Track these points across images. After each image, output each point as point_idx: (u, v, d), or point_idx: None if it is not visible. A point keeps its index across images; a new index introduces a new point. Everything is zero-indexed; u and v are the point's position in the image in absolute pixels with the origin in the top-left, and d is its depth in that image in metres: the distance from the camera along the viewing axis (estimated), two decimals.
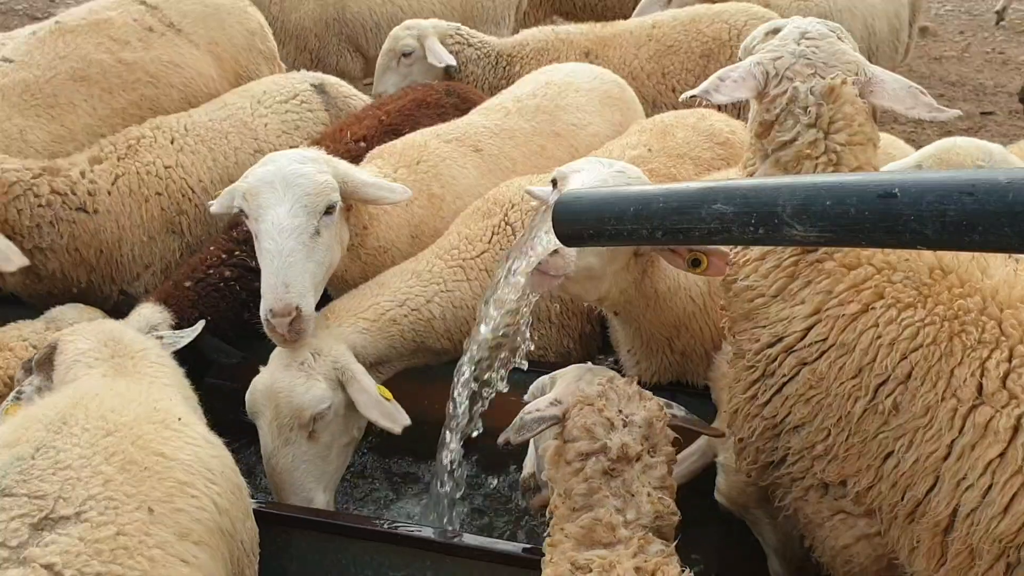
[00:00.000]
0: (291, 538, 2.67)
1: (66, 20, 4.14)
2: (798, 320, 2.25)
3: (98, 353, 2.40)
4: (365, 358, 3.02)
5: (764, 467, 2.36)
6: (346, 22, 6.25)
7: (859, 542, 2.24)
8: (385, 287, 3.16)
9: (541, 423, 2.24)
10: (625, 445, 2.10)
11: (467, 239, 3.27)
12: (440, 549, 2.54)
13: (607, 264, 2.57)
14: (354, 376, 2.86)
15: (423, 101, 4.27)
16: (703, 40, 5.09)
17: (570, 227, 2.04)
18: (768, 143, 2.32)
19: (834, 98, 2.27)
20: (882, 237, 1.74)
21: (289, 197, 2.89)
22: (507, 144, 3.86)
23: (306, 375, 2.82)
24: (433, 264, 3.22)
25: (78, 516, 1.73)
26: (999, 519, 1.97)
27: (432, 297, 3.15)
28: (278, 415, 2.81)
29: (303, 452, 2.82)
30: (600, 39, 5.22)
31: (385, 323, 3.07)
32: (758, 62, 2.34)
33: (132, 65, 4.13)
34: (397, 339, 3.10)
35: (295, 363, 2.84)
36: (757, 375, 2.34)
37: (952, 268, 2.17)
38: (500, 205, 3.31)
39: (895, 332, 2.12)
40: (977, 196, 1.61)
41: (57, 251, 3.59)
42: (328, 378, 2.84)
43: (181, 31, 4.41)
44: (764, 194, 1.80)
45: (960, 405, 2.04)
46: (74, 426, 1.92)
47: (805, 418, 2.24)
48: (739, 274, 2.39)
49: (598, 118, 4.11)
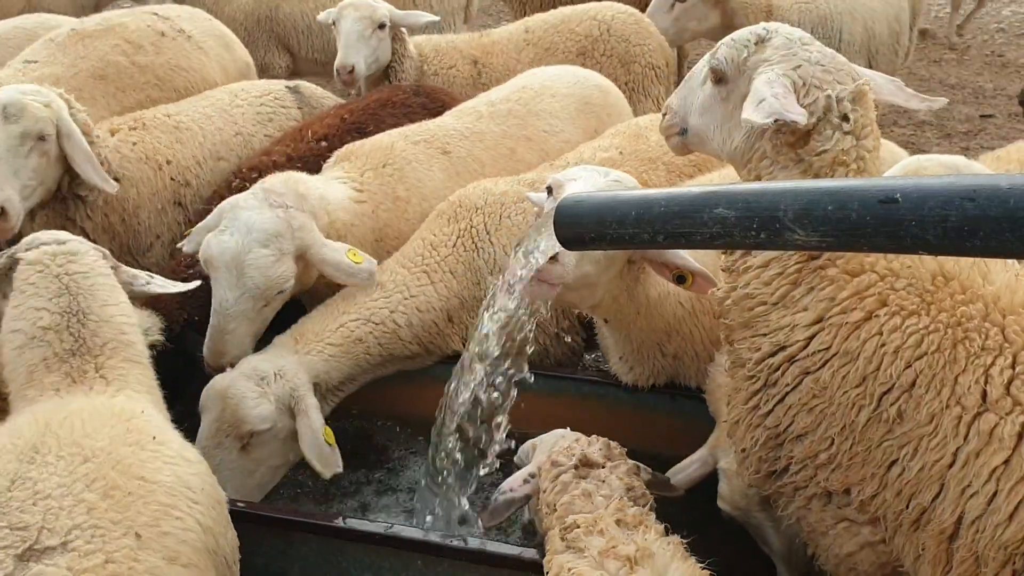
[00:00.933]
0: (292, 541, 2.69)
1: (82, 27, 4.38)
2: (800, 328, 2.23)
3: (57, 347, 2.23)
4: (329, 382, 3.12)
5: (767, 476, 2.34)
6: (278, 21, 6.32)
7: (863, 550, 2.22)
8: (350, 302, 3.20)
9: (511, 505, 2.46)
10: (586, 454, 2.35)
11: (431, 245, 3.31)
12: (439, 552, 2.56)
13: (603, 272, 2.57)
14: (306, 410, 2.93)
15: (388, 101, 4.29)
16: (576, 39, 5.20)
17: (571, 230, 2.03)
18: (806, 152, 2.22)
19: (864, 103, 2.24)
20: (883, 242, 1.72)
21: (239, 285, 2.99)
22: (476, 147, 3.88)
23: (260, 391, 2.91)
24: (396, 273, 3.27)
25: (64, 546, 1.71)
26: (1004, 526, 1.96)
27: (396, 307, 3.20)
28: (221, 417, 2.90)
29: (231, 460, 2.91)
30: (483, 47, 5.30)
31: (350, 344, 3.13)
32: (782, 74, 2.24)
33: (144, 68, 4.37)
34: (363, 357, 3.17)
35: (256, 376, 2.93)
36: (759, 385, 2.32)
37: (954, 275, 2.15)
38: (466, 209, 3.33)
39: (899, 340, 2.10)
40: (979, 201, 1.59)
41: (95, 212, 3.68)
42: (281, 401, 2.94)
43: (192, 38, 4.66)
44: (766, 198, 1.78)
45: (964, 412, 2.02)
46: (47, 455, 1.87)
47: (808, 427, 2.22)
48: (739, 282, 2.36)
49: (571, 125, 4.12)
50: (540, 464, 2.43)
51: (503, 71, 5.13)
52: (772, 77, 2.22)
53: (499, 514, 2.47)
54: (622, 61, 4.84)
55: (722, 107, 2.42)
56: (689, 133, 2.55)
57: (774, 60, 2.30)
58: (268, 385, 2.92)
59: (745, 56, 2.35)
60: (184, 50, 4.57)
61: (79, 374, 2.21)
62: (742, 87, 2.34)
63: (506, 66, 5.19)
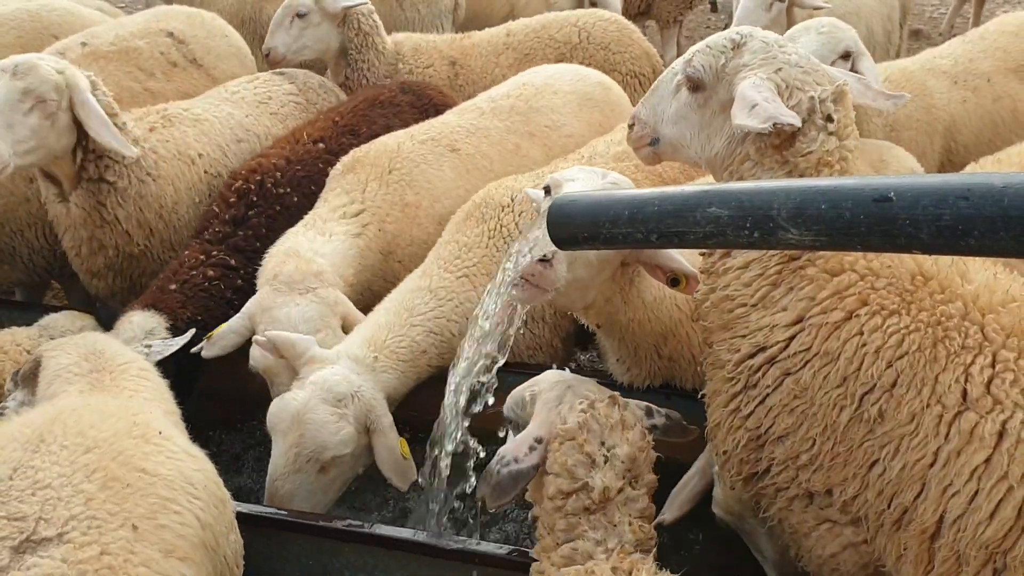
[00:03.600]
0: (285, 542, 2.65)
1: (94, 44, 4.54)
2: (780, 329, 2.23)
3: (78, 368, 2.35)
4: (397, 396, 3.01)
5: (748, 478, 2.33)
6: (261, 23, 6.25)
7: (845, 550, 2.22)
8: (413, 312, 3.08)
9: (519, 480, 2.13)
10: (607, 488, 2.06)
11: (466, 247, 3.22)
12: (432, 553, 2.53)
13: (596, 275, 2.54)
14: (383, 430, 2.86)
15: (376, 100, 4.33)
16: (555, 45, 5.27)
17: (565, 230, 2.00)
18: (792, 154, 2.24)
19: (844, 104, 2.26)
20: (877, 241, 1.72)
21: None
22: (483, 143, 3.87)
23: (340, 415, 2.78)
24: (443, 279, 3.16)
25: (60, 537, 1.69)
26: (986, 525, 1.97)
27: (450, 315, 3.12)
28: (300, 443, 2.76)
29: (310, 482, 2.80)
30: (462, 48, 5.34)
31: (417, 356, 3.04)
32: (765, 77, 2.25)
33: (156, 94, 4.56)
34: (424, 369, 3.08)
35: (333, 398, 2.79)
36: (739, 387, 2.31)
37: (933, 274, 2.17)
38: (492, 208, 3.27)
39: (880, 340, 2.11)
40: (973, 200, 1.60)
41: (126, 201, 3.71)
42: (359, 423, 2.82)
43: (202, 66, 4.86)
44: (759, 198, 1.77)
45: (945, 412, 2.03)
46: (52, 444, 1.86)
47: (789, 428, 2.22)
48: (718, 284, 2.36)
49: (574, 120, 4.12)
50: (549, 430, 2.17)
51: (480, 74, 5.15)
52: (757, 82, 2.23)
53: (506, 491, 2.12)
54: (602, 69, 4.85)
55: (699, 114, 2.42)
56: (662, 142, 2.55)
57: (754, 64, 2.31)
58: (346, 407, 2.80)
59: (723, 62, 2.36)
60: (193, 79, 4.77)
61: (96, 382, 2.33)
62: (721, 93, 2.36)
63: (484, 69, 5.20)
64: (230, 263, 3.54)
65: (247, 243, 3.61)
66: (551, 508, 2.10)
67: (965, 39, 5.06)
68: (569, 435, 2.12)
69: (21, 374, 2.50)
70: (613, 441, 2.13)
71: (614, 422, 2.16)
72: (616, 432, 2.15)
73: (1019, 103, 4.77)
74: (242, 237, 3.62)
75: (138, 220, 3.76)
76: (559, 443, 2.12)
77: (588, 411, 2.16)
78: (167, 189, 3.85)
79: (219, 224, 3.65)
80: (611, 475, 2.08)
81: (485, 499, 2.17)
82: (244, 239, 3.62)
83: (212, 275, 3.50)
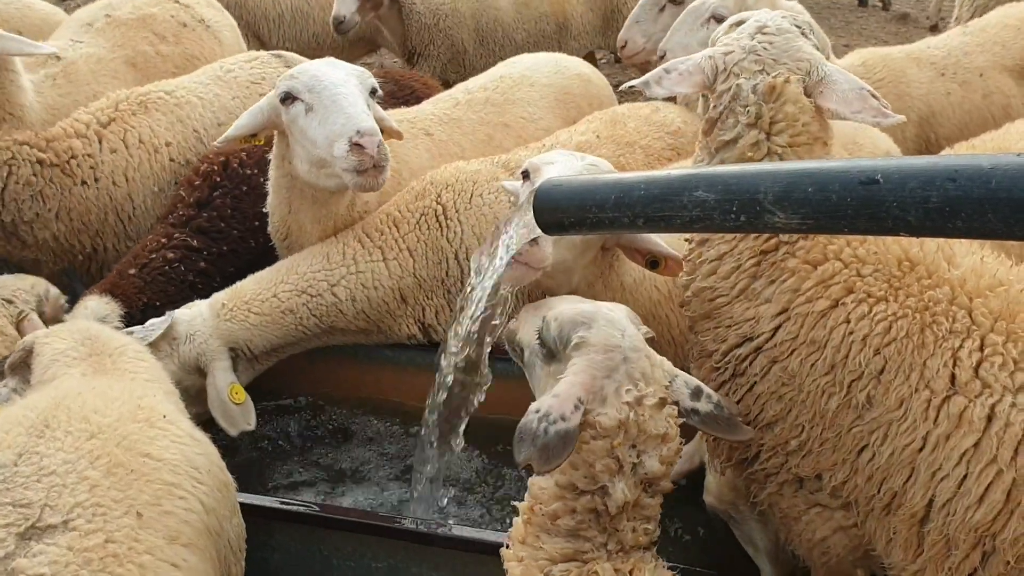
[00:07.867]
0: (273, 530, 2.65)
1: (116, 14, 4.81)
2: (765, 320, 2.23)
3: (76, 352, 2.34)
4: (253, 349, 3.14)
5: (738, 464, 2.33)
6: (247, 9, 6.33)
7: (836, 534, 2.22)
8: (291, 271, 3.19)
9: (568, 442, 1.80)
10: (626, 503, 1.88)
11: (394, 221, 3.27)
12: (422, 539, 2.52)
13: (579, 257, 2.55)
14: (213, 372, 3.07)
15: None
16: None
17: (551, 215, 1.98)
18: (711, 142, 2.29)
19: (775, 97, 2.24)
20: (864, 224, 1.71)
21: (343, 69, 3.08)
22: (455, 132, 3.90)
23: (167, 353, 3.03)
24: (348, 246, 3.22)
25: (66, 524, 1.69)
26: (975, 508, 1.97)
27: (338, 280, 3.17)
28: None
29: None
30: None
31: (279, 314, 3.14)
32: (709, 56, 2.30)
33: (167, 57, 4.80)
34: (294, 328, 3.17)
35: (168, 335, 3.07)
36: (727, 375, 2.32)
37: (919, 260, 2.17)
38: (435, 186, 3.30)
39: (868, 328, 2.10)
40: (960, 182, 1.59)
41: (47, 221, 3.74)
42: (186, 363, 3.08)
43: (210, 27, 5.08)
44: (745, 181, 1.76)
45: (934, 396, 2.03)
46: (56, 429, 1.86)
47: (778, 415, 2.22)
48: (696, 274, 2.35)
49: (549, 113, 4.16)
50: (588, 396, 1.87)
51: None
52: (695, 56, 2.35)
53: (557, 453, 1.79)
54: None
55: None
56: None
57: (720, 43, 2.37)
58: (177, 347, 3.06)
59: (718, 38, 2.48)
60: (201, 40, 4.97)
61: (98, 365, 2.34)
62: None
63: None
64: (192, 244, 3.55)
65: (211, 223, 3.63)
66: (555, 495, 1.93)
67: (966, 30, 5.00)
68: (604, 432, 1.87)
69: (10, 362, 2.48)
70: (645, 447, 1.89)
71: (655, 433, 1.91)
72: (652, 443, 1.91)
73: (1012, 100, 4.73)
74: (206, 218, 3.64)
75: (75, 229, 3.77)
76: (590, 436, 1.87)
77: (633, 409, 1.89)
78: (112, 186, 3.84)
79: (183, 207, 3.67)
80: (631, 483, 1.89)
81: (532, 463, 1.80)
82: (208, 219, 3.63)
83: (172, 257, 3.50)
